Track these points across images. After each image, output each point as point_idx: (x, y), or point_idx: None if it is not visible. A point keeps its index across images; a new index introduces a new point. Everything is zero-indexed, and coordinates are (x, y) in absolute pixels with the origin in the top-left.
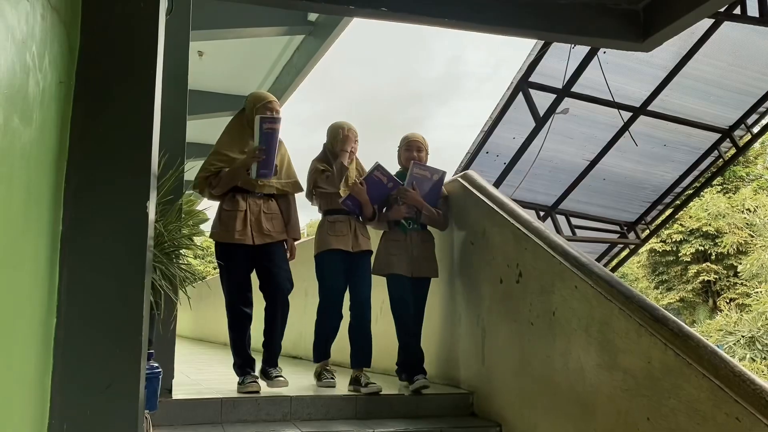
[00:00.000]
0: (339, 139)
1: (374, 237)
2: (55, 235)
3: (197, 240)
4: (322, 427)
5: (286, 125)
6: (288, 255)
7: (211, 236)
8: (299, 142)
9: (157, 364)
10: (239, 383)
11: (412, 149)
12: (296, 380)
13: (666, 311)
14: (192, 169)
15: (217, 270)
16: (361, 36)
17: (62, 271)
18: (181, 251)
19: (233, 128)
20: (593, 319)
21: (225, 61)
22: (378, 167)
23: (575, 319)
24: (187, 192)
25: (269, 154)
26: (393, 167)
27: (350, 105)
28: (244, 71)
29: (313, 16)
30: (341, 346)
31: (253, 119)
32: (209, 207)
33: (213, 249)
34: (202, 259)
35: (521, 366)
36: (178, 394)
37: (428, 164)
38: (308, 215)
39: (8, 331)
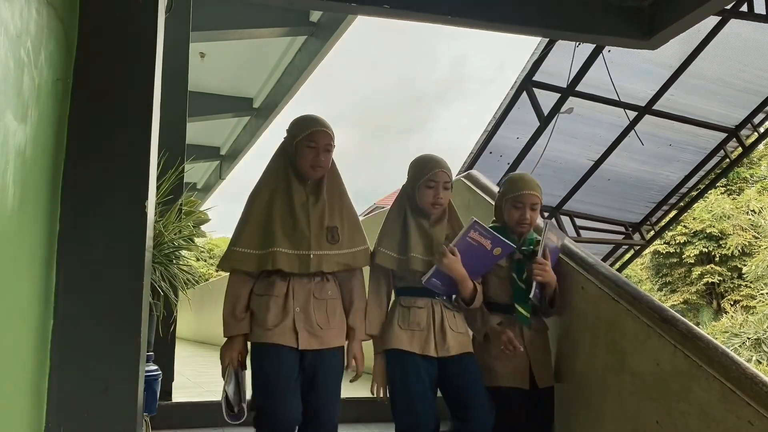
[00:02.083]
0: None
1: None
2: (52, 234)
3: (198, 241)
4: None
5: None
6: (346, 365)
7: (228, 328)
8: None
9: (156, 367)
10: None
11: (525, 206)
12: None
13: (674, 312)
14: (192, 169)
15: (221, 273)
16: (363, 38)
17: (59, 271)
18: (181, 252)
19: (272, 171)
20: (600, 320)
21: (226, 62)
22: (474, 225)
23: (581, 320)
24: (187, 192)
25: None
26: (390, 179)
27: (353, 107)
28: (246, 72)
29: (314, 17)
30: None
31: (296, 155)
32: (211, 207)
33: (215, 251)
34: (204, 260)
35: None
36: (178, 396)
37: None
38: None
39: (4, 333)
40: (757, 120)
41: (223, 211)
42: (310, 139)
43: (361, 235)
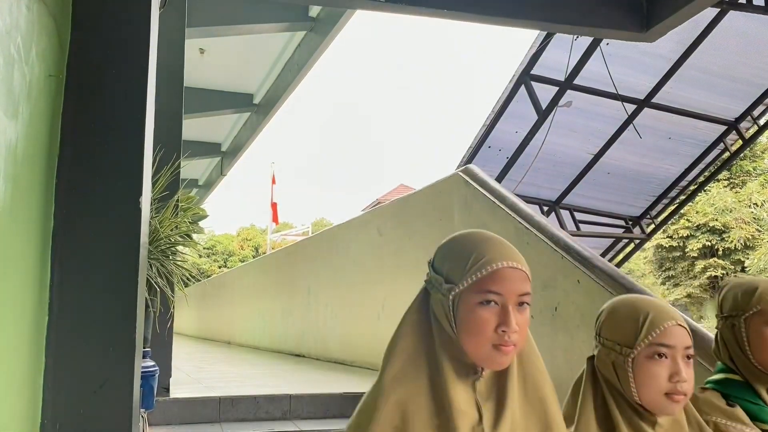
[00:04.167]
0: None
1: None
2: (46, 231)
3: (200, 237)
4: (322, 426)
5: (295, 128)
6: None
7: None
8: (307, 146)
9: (153, 363)
10: None
11: None
12: (297, 378)
13: (671, 305)
14: (187, 166)
15: (223, 269)
16: (362, 32)
17: (54, 268)
18: (177, 248)
19: (409, 351)
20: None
21: (226, 58)
22: None
23: (578, 314)
24: (186, 188)
25: None
26: (392, 174)
27: (352, 101)
28: (246, 68)
29: (314, 12)
30: (348, 339)
31: (457, 321)
32: (208, 203)
33: (217, 247)
34: (207, 257)
35: None
36: (176, 392)
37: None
38: (313, 213)
39: None
40: (756, 112)
41: (224, 208)
42: (486, 288)
43: (556, 414)
